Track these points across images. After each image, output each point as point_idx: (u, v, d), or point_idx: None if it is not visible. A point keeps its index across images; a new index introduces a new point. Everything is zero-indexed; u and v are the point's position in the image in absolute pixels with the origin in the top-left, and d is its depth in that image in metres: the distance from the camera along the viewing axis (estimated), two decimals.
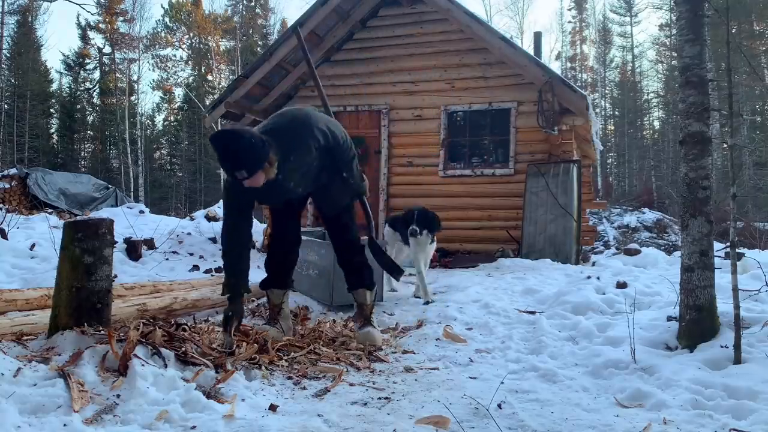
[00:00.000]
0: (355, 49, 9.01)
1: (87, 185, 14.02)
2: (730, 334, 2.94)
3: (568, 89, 7.57)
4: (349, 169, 3.43)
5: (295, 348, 3.16)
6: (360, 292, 3.61)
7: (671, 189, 21.68)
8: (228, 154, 2.79)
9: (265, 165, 2.86)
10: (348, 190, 3.51)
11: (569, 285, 4.96)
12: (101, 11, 32.82)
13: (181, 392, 2.23)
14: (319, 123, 3.21)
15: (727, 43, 3.16)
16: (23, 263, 5.47)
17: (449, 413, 2.24)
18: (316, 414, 2.25)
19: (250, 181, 2.86)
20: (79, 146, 37.96)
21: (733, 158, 3.30)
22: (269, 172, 2.92)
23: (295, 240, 3.65)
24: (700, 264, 3.11)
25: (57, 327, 2.62)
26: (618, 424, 2.21)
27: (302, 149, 3.12)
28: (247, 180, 2.85)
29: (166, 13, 36.01)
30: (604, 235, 17.94)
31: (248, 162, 2.79)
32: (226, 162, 2.80)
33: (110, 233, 2.77)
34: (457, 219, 8.10)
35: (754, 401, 2.35)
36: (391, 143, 8.73)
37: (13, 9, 30.50)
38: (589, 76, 39.38)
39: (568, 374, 2.86)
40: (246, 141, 2.78)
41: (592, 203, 10.05)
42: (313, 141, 3.15)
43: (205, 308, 4.21)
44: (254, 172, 2.82)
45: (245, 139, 2.78)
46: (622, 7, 37.39)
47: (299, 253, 3.74)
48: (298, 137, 3.11)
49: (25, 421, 1.89)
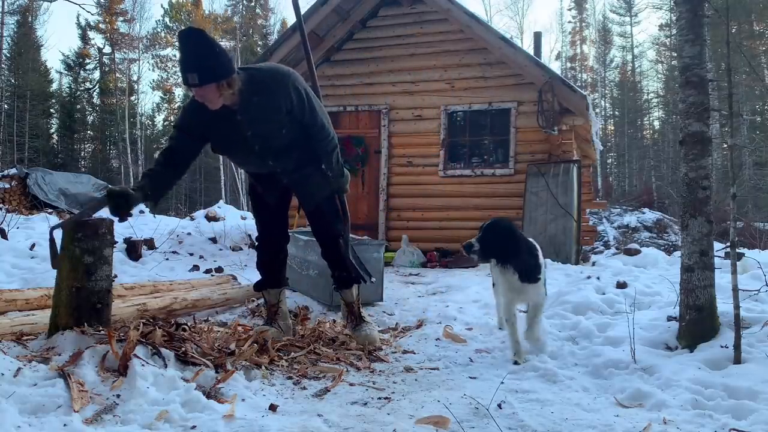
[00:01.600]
0: (355, 49, 9.01)
1: (87, 185, 14.01)
2: (730, 334, 2.94)
3: (568, 89, 7.57)
4: (329, 161, 3.25)
5: (295, 348, 3.16)
6: (347, 291, 3.49)
7: (671, 189, 21.68)
8: (188, 50, 2.67)
9: (222, 82, 2.71)
10: (327, 183, 3.34)
11: (569, 285, 4.96)
12: (101, 11, 32.83)
13: (181, 392, 2.23)
14: (299, 86, 3.02)
15: (727, 43, 3.16)
16: (23, 263, 5.46)
17: (449, 413, 2.24)
18: (316, 414, 2.25)
19: (201, 92, 2.71)
20: (79, 146, 37.95)
21: (733, 158, 3.30)
22: (225, 93, 2.75)
23: (283, 238, 3.52)
24: (700, 264, 3.11)
25: (57, 327, 2.62)
26: (618, 424, 2.21)
27: (270, 97, 2.93)
28: (198, 90, 2.70)
29: (166, 13, 36.03)
30: (604, 235, 17.94)
31: (205, 65, 2.64)
32: (184, 59, 2.68)
33: (110, 233, 2.77)
34: (457, 219, 8.11)
35: (754, 401, 2.35)
36: (391, 143, 8.73)
37: (13, 9, 30.52)
38: (589, 76, 39.39)
39: (568, 374, 2.86)
40: (211, 43, 2.68)
41: (592, 203, 10.05)
42: (284, 96, 2.95)
43: (205, 308, 4.21)
44: (207, 80, 2.66)
45: (211, 42, 2.68)
46: (622, 7, 37.40)
47: (299, 254, 3.72)
48: (269, 83, 2.94)
49: (25, 421, 1.89)
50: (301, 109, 3.03)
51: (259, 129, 3.02)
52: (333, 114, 8.81)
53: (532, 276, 3.14)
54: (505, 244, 3.09)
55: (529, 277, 3.13)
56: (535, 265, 3.16)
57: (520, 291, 3.16)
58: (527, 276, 3.12)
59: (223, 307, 4.37)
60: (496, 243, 3.10)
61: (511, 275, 3.11)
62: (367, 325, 3.48)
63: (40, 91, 31.95)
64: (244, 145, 3.06)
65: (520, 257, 3.10)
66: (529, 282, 3.13)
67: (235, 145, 3.11)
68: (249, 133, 3.01)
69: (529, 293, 3.21)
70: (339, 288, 3.52)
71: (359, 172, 8.74)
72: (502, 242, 3.09)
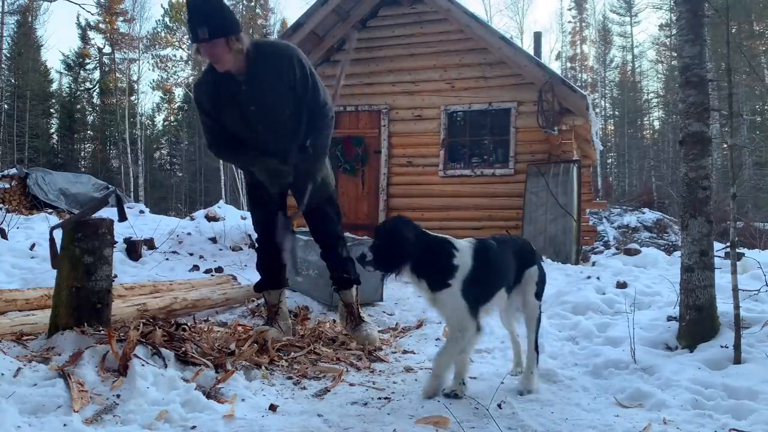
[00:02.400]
0: (355, 49, 9.00)
1: (87, 185, 14.00)
2: (730, 334, 2.94)
3: (568, 89, 7.57)
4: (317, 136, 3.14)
5: (295, 348, 3.16)
6: (346, 292, 3.46)
7: (671, 189, 21.68)
8: (198, 4, 2.75)
9: (231, 37, 2.79)
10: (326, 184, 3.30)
11: (569, 285, 4.96)
12: (101, 11, 32.80)
13: (181, 392, 2.23)
14: (304, 61, 3.06)
15: (727, 43, 3.16)
16: (23, 263, 5.46)
17: (449, 413, 2.24)
18: (316, 414, 2.25)
19: (211, 49, 2.78)
20: (79, 146, 37.94)
21: (733, 158, 3.30)
22: (234, 48, 2.82)
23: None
24: (700, 264, 3.11)
25: (57, 327, 2.62)
26: (618, 424, 2.21)
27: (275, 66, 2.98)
28: (208, 47, 2.77)
29: (166, 13, 35.98)
30: (604, 235, 17.93)
31: (214, 20, 2.73)
32: (194, 14, 2.74)
33: (110, 233, 2.77)
34: (457, 219, 8.11)
35: (754, 401, 2.35)
36: (391, 143, 8.73)
37: (13, 9, 30.49)
38: (589, 76, 39.38)
39: (568, 374, 2.86)
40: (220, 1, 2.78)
41: (592, 203, 10.05)
42: (288, 67, 2.97)
43: (205, 308, 4.21)
44: (217, 34, 2.74)
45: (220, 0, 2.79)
46: (622, 7, 37.38)
47: (299, 254, 3.71)
48: (275, 53, 3.01)
49: (25, 421, 1.89)
50: (304, 84, 3.04)
51: (263, 102, 3.02)
52: None
53: (436, 281, 2.46)
54: (401, 247, 2.42)
55: (433, 284, 2.47)
56: (440, 267, 2.47)
57: (435, 302, 2.54)
58: (431, 282, 2.48)
59: (223, 307, 4.37)
60: (391, 248, 2.43)
61: (419, 284, 2.52)
62: (367, 325, 3.47)
63: (40, 91, 31.95)
64: (248, 125, 3.07)
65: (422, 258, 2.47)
66: (434, 289, 2.48)
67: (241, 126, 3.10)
68: (253, 107, 3.02)
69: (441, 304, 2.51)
70: (339, 289, 3.51)
71: (359, 172, 8.74)
72: (398, 246, 2.42)
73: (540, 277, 2.78)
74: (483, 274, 2.50)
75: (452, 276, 2.44)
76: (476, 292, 2.48)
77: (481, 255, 2.52)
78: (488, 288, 2.57)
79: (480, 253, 2.52)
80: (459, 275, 2.45)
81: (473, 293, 2.47)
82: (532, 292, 2.74)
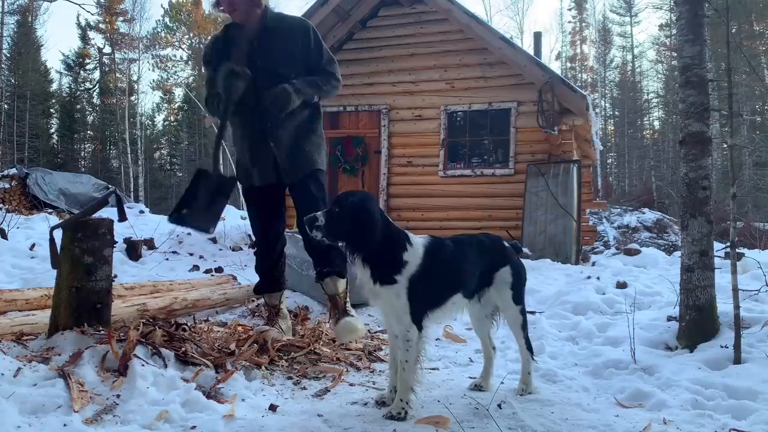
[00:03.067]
0: (355, 50, 9.01)
1: (87, 185, 13.99)
2: (730, 334, 2.94)
3: (568, 89, 7.57)
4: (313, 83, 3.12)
5: (295, 348, 3.15)
6: (329, 282, 3.19)
7: (671, 189, 21.69)
8: None
9: None
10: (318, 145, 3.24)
11: (569, 285, 4.96)
12: (101, 11, 32.80)
13: (181, 392, 2.23)
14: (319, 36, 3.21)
15: (727, 43, 3.16)
16: (23, 263, 5.46)
17: (449, 413, 2.24)
18: (316, 414, 2.25)
19: None
20: (79, 146, 37.94)
21: (733, 158, 3.30)
22: None
23: (280, 241, 3.46)
24: (700, 264, 3.12)
25: (57, 327, 2.62)
26: (618, 424, 2.21)
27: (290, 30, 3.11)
28: None
29: (166, 13, 36.01)
30: (604, 235, 17.93)
31: None
32: None
33: (110, 233, 2.77)
34: (457, 219, 8.12)
35: (754, 401, 2.35)
36: (391, 143, 8.73)
37: (13, 9, 30.49)
38: (589, 76, 39.38)
39: (568, 374, 2.86)
40: None
41: (592, 203, 10.06)
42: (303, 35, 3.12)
43: (205, 308, 4.21)
44: None
45: None
46: (622, 7, 37.38)
47: (299, 254, 3.70)
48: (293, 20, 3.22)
49: (25, 421, 1.89)
50: (318, 53, 3.14)
51: (271, 59, 3.07)
52: (333, 114, 8.85)
53: (384, 273, 2.22)
54: (358, 222, 2.17)
55: (380, 275, 2.23)
56: (390, 259, 2.22)
57: (376, 296, 2.27)
58: (376, 272, 2.23)
59: (223, 307, 4.37)
60: (346, 219, 2.19)
61: (363, 270, 2.25)
62: (352, 318, 3.11)
63: (40, 91, 31.95)
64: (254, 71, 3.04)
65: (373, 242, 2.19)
66: (380, 282, 2.23)
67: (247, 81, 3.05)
68: (259, 63, 3.06)
69: (382, 301, 2.28)
70: (319, 279, 3.25)
71: (359, 172, 8.74)
72: (354, 219, 2.18)
73: (515, 277, 2.53)
74: (434, 276, 2.27)
75: (399, 272, 2.22)
76: (424, 294, 2.26)
77: (432, 254, 2.29)
78: (438, 291, 2.34)
79: (431, 253, 2.29)
80: (406, 272, 2.23)
81: (420, 295, 2.24)
82: (509, 297, 2.53)
